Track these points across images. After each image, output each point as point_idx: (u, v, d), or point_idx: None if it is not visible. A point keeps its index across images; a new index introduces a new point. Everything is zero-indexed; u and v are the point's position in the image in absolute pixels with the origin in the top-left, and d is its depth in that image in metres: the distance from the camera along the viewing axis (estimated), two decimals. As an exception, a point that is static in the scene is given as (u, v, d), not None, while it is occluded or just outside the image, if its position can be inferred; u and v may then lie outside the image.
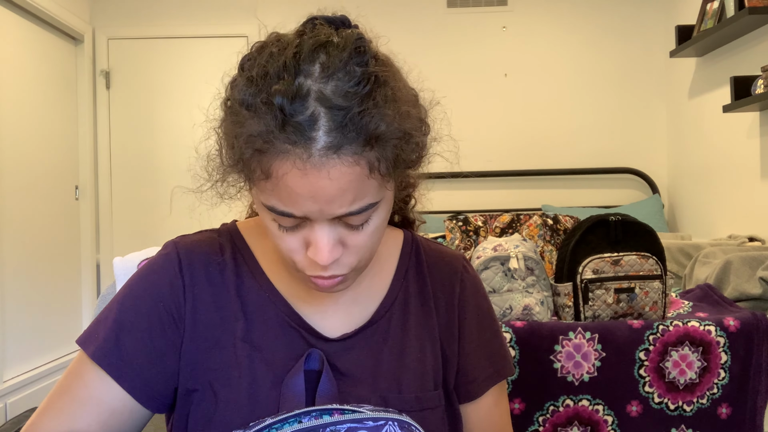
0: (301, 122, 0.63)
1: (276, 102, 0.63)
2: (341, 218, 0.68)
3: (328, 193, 0.65)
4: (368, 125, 0.64)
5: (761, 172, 2.97)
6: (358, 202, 0.67)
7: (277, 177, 0.65)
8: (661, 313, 1.56)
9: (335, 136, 0.63)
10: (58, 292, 3.61)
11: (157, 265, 0.82)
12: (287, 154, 0.64)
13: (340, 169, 0.64)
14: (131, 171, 4.06)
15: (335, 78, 0.64)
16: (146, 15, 4.07)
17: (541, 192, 4.02)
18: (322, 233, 0.69)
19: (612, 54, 4.02)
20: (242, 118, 0.66)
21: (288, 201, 0.66)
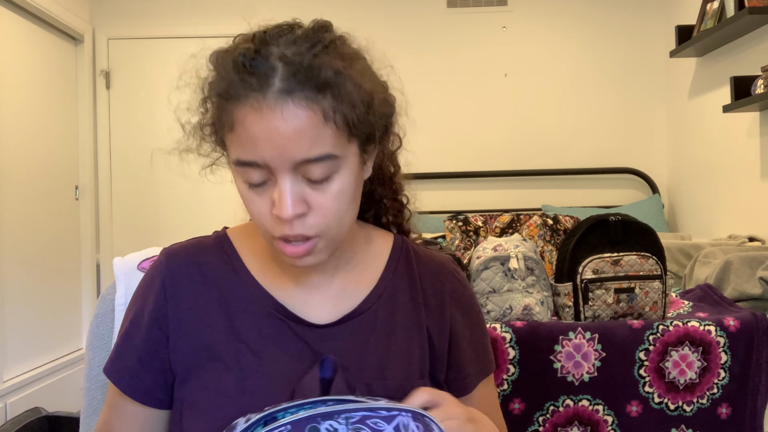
0: (259, 72, 0.71)
1: (239, 59, 0.72)
2: (301, 168, 0.72)
3: (283, 133, 0.70)
4: (319, 73, 0.71)
5: (761, 172, 2.97)
6: (316, 149, 0.71)
7: (238, 123, 0.72)
8: (661, 313, 1.56)
9: (289, 82, 0.70)
10: (58, 292, 3.61)
11: (146, 279, 0.88)
12: (246, 98, 0.71)
13: (293, 110, 0.70)
14: (131, 171, 4.06)
15: (297, 45, 0.73)
16: (146, 15, 4.07)
17: (541, 192, 4.02)
18: (283, 185, 0.72)
19: (612, 54, 4.02)
20: (212, 79, 0.75)
21: (249, 147, 0.72)
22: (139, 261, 1.06)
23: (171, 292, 0.84)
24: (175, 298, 0.84)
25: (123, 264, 1.05)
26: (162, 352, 0.83)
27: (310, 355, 0.81)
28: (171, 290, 0.84)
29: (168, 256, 0.87)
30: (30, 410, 2.13)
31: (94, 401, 1.02)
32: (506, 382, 1.48)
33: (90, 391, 1.03)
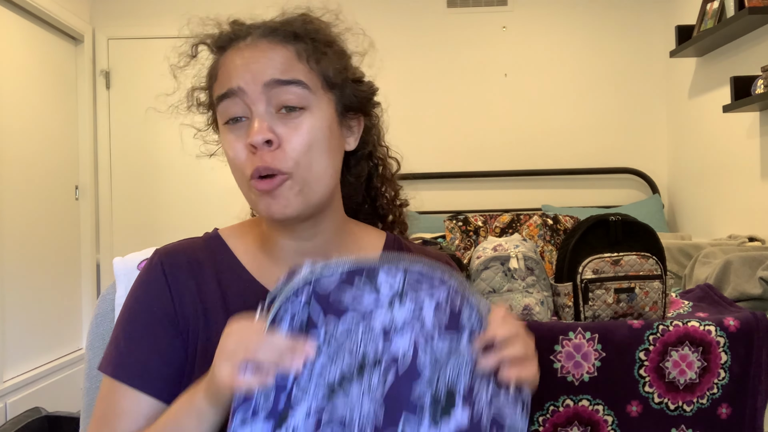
0: (241, 28, 0.85)
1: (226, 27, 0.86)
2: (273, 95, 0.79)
3: (257, 59, 0.80)
4: (294, 27, 0.83)
5: (761, 172, 2.97)
6: (287, 74, 0.79)
7: (221, 66, 0.83)
8: (661, 313, 1.56)
9: (267, 30, 0.83)
10: (58, 292, 3.61)
11: (145, 276, 0.87)
12: (230, 47, 0.84)
13: (270, 46, 0.81)
14: (131, 171, 4.06)
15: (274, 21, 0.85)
16: (146, 15, 4.07)
17: (541, 192, 4.02)
18: (257, 113, 0.79)
19: (612, 54, 4.02)
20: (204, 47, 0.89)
21: (227, 78, 0.81)
22: (139, 261, 1.06)
23: (175, 291, 0.85)
24: (179, 295, 0.85)
25: (123, 264, 1.05)
26: (179, 350, 0.83)
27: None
28: (175, 289, 0.85)
29: (164, 256, 0.88)
30: (30, 410, 2.13)
31: (94, 401, 1.01)
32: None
33: (90, 391, 1.03)
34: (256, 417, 0.65)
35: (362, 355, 0.66)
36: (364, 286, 0.68)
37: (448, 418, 0.66)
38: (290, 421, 0.64)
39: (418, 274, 0.70)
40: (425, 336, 0.67)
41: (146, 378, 0.81)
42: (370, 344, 0.66)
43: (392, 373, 0.66)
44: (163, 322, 0.83)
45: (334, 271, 0.68)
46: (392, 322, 0.67)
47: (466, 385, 0.68)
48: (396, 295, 0.68)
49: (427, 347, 0.67)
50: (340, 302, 0.67)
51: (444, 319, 0.69)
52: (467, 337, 0.70)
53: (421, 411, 0.65)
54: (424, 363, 0.66)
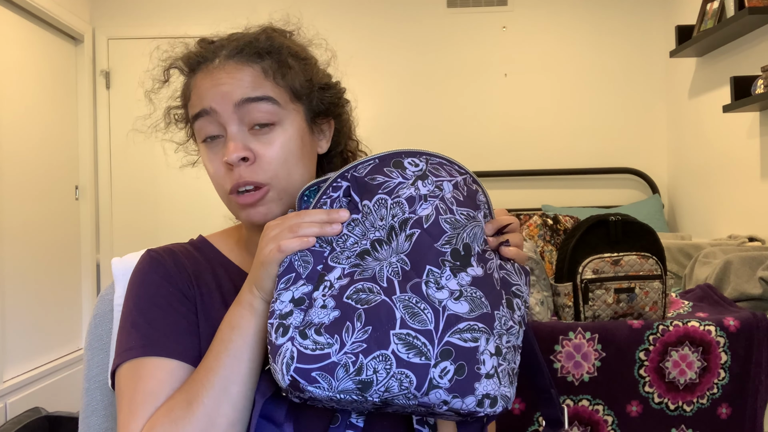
0: (209, 49, 0.88)
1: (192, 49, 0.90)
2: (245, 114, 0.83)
3: (226, 82, 0.84)
4: (258, 45, 0.86)
5: (761, 172, 2.97)
6: (256, 91, 0.84)
7: (194, 86, 0.87)
8: (661, 313, 1.56)
9: (233, 50, 0.86)
10: (58, 292, 3.61)
11: (145, 268, 0.88)
12: (199, 69, 0.88)
13: (235, 66, 0.85)
14: (131, 171, 4.06)
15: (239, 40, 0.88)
16: (146, 15, 4.07)
17: (541, 192, 4.02)
18: (230, 133, 0.84)
19: (612, 54, 4.02)
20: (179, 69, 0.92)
21: (199, 99, 0.86)
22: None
23: (176, 274, 0.87)
24: (181, 278, 0.87)
25: (122, 264, 1.05)
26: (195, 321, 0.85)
27: None
28: (175, 272, 0.88)
29: (158, 251, 0.91)
30: (30, 410, 2.13)
31: (93, 401, 1.02)
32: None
33: (89, 391, 1.02)
34: (297, 280, 0.73)
35: (390, 222, 0.76)
36: (391, 170, 0.78)
37: (465, 272, 0.75)
38: (326, 281, 0.73)
39: (438, 162, 0.80)
40: (445, 205, 0.77)
41: (177, 347, 0.81)
42: (398, 211, 0.76)
43: (417, 234, 0.75)
44: (176, 299, 0.85)
45: (368, 162, 0.79)
46: (417, 193, 0.77)
47: (480, 248, 0.78)
48: (419, 175, 0.78)
49: (447, 214, 0.77)
50: (372, 184, 0.77)
51: (461, 195, 0.79)
52: (482, 213, 0.80)
53: (443, 264, 0.74)
54: (444, 225, 0.76)
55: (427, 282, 0.73)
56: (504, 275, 0.80)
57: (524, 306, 0.81)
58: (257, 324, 0.77)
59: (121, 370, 0.82)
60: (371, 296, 0.71)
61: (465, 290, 0.74)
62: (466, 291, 0.74)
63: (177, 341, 0.82)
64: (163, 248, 0.92)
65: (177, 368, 0.80)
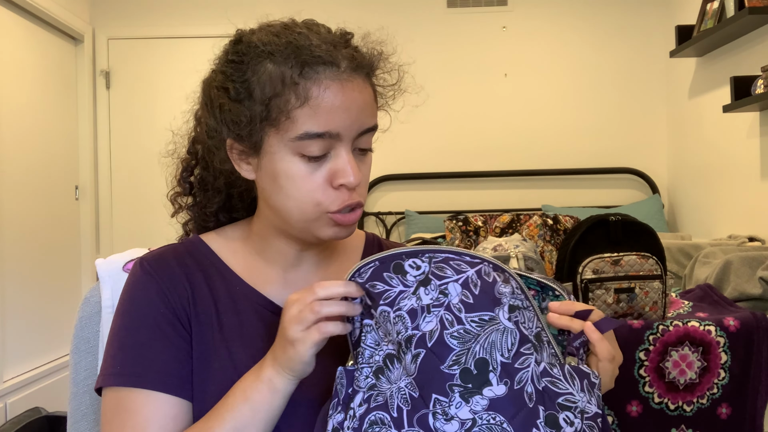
0: (324, 51, 0.77)
1: (301, 43, 0.76)
2: (358, 139, 0.79)
3: (359, 103, 0.78)
4: (367, 60, 0.81)
5: (761, 172, 2.97)
6: (373, 120, 0.81)
7: (317, 95, 0.75)
8: (661, 313, 1.56)
9: (351, 62, 0.78)
10: (58, 292, 3.60)
11: (139, 282, 0.85)
12: (324, 72, 0.76)
13: (362, 84, 0.79)
14: (131, 171, 4.06)
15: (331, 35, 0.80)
16: (146, 15, 4.06)
17: (541, 192, 4.02)
18: (347, 155, 0.78)
19: (612, 54, 4.02)
20: (264, 63, 0.77)
21: (326, 117, 0.76)
22: (124, 262, 1.04)
23: (170, 293, 0.83)
24: (175, 297, 0.83)
25: (107, 265, 1.03)
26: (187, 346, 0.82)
27: None
28: (169, 291, 0.84)
29: (152, 262, 0.86)
30: (30, 410, 2.13)
31: (82, 406, 0.99)
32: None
33: (77, 396, 1.00)
34: (337, 407, 0.71)
35: (396, 338, 0.69)
36: (392, 276, 0.71)
37: (480, 394, 0.66)
38: (351, 409, 0.69)
39: (443, 258, 0.72)
40: (452, 314, 0.69)
41: (166, 379, 0.79)
42: (401, 327, 0.69)
43: (422, 355, 0.67)
44: (167, 322, 0.82)
45: (367, 265, 0.72)
46: (419, 303, 0.69)
47: (506, 357, 0.68)
48: (422, 280, 0.71)
49: (454, 324, 0.68)
50: (374, 293, 0.71)
51: (472, 295, 0.70)
52: (507, 308, 0.70)
53: (451, 390, 0.66)
54: (451, 342, 0.67)
55: (434, 413, 0.66)
56: (547, 384, 0.68)
57: (582, 418, 0.67)
58: (273, 402, 0.74)
59: (108, 396, 0.80)
60: (382, 429, 0.67)
61: (480, 418, 0.65)
62: (482, 419, 0.65)
63: (166, 372, 0.79)
64: (156, 258, 0.87)
65: (165, 403, 0.78)
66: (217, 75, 0.82)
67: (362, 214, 0.87)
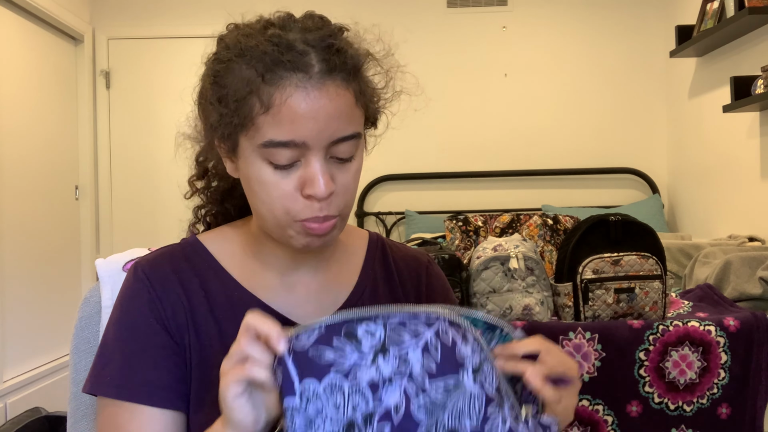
0: (295, 54, 0.72)
1: (272, 40, 0.72)
2: (332, 148, 0.74)
3: (327, 111, 0.72)
4: (351, 57, 0.75)
5: (761, 172, 2.97)
6: (350, 128, 0.75)
7: (279, 103, 0.71)
8: (661, 313, 1.56)
9: (327, 63, 0.73)
10: (58, 292, 3.60)
11: (131, 290, 0.83)
12: (289, 79, 0.71)
13: (336, 90, 0.73)
14: (131, 171, 4.06)
15: (312, 32, 0.74)
16: (146, 15, 4.07)
17: (541, 192, 4.02)
18: (317, 166, 0.74)
19: (612, 54, 4.02)
20: (236, 65, 0.74)
21: (289, 126, 0.72)
22: (124, 262, 1.03)
23: (165, 301, 0.82)
24: (170, 305, 0.82)
25: (106, 265, 1.03)
26: (180, 357, 0.81)
27: None
28: (164, 299, 0.82)
29: (146, 267, 0.84)
30: (30, 410, 2.13)
31: (82, 406, 0.99)
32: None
33: (77, 395, 0.99)
34: None
35: (351, 413, 0.63)
36: (343, 343, 0.65)
37: None
38: None
39: (398, 322, 0.66)
40: (416, 384, 0.64)
41: (156, 392, 0.78)
42: (360, 401, 0.64)
43: (387, 429, 0.63)
44: (160, 332, 0.81)
45: (311, 331, 0.65)
46: (379, 375, 0.64)
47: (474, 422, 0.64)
48: (379, 348, 0.65)
49: (419, 395, 0.64)
50: (320, 361, 0.64)
51: (435, 359, 0.65)
52: (470, 371, 0.66)
53: None
54: (418, 413, 0.64)
55: None
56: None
57: None
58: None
59: (101, 404, 0.80)
60: None
61: None
62: None
63: (154, 384, 0.78)
64: (151, 264, 0.85)
65: (152, 416, 0.78)
66: (204, 72, 0.80)
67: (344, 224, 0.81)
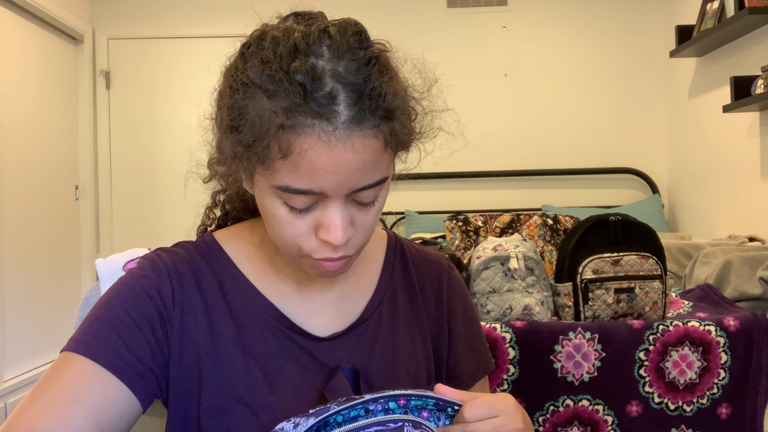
0: (322, 97, 0.64)
1: (297, 79, 0.64)
2: (355, 194, 0.69)
3: (351, 166, 0.66)
4: (384, 99, 0.66)
5: (761, 172, 2.97)
6: (375, 176, 0.69)
7: (299, 153, 0.65)
8: (661, 313, 1.56)
9: (356, 110, 0.65)
10: (58, 292, 3.61)
11: (145, 269, 0.80)
12: (312, 128, 0.64)
13: (363, 141, 0.66)
14: (131, 171, 4.06)
15: (344, 58, 0.66)
16: (146, 15, 4.07)
17: (541, 192, 4.02)
18: (336, 213, 0.69)
19: (612, 54, 4.02)
20: (257, 98, 0.66)
21: (308, 177, 0.66)
22: (124, 262, 1.03)
23: (180, 298, 0.79)
24: (182, 304, 0.79)
25: (107, 265, 1.03)
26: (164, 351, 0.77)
27: (316, 367, 0.79)
28: (180, 295, 0.79)
29: (168, 261, 0.81)
30: (30, 410, 2.12)
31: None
32: (506, 382, 1.48)
33: None
34: None
35: None
36: None
37: None
38: None
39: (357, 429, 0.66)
40: None
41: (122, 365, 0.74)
42: None
43: None
44: (156, 317, 0.77)
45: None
46: None
47: None
48: None
49: None
50: None
51: None
52: None
53: None
54: None
55: None
56: None
57: None
58: None
59: (60, 357, 0.75)
60: None
61: None
62: None
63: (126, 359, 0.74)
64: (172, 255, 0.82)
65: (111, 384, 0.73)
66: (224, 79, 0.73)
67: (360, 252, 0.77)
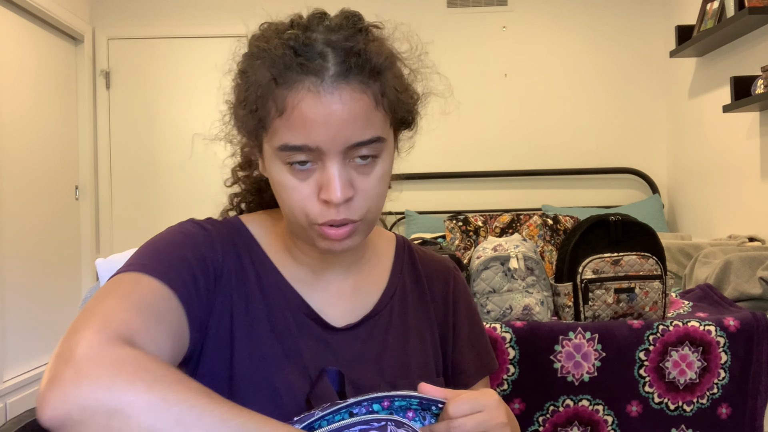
0: (311, 56, 0.71)
1: (289, 43, 0.71)
2: (351, 151, 0.72)
3: (340, 116, 0.70)
4: (371, 59, 0.72)
5: (761, 172, 2.97)
6: (368, 132, 0.73)
7: (291, 107, 0.71)
8: (661, 313, 1.56)
9: (343, 66, 0.71)
10: (58, 292, 3.61)
11: (197, 226, 0.82)
12: (301, 82, 0.70)
13: (351, 94, 0.71)
14: (131, 171, 4.06)
15: (338, 32, 0.73)
16: (146, 15, 4.07)
17: (541, 192, 4.02)
18: (333, 170, 0.72)
19: (612, 54, 4.02)
20: (255, 67, 0.73)
21: (302, 131, 0.71)
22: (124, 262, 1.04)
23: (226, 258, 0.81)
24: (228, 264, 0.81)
25: (107, 265, 1.03)
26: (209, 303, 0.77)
27: (329, 357, 0.82)
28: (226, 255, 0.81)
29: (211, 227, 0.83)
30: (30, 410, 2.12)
31: None
32: (506, 382, 1.48)
33: None
34: None
35: None
36: None
37: None
38: None
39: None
40: None
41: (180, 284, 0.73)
42: None
43: None
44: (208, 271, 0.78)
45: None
46: None
47: None
48: None
49: None
50: None
51: None
52: None
53: None
54: None
55: None
56: None
57: None
58: None
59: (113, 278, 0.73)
60: None
61: None
62: None
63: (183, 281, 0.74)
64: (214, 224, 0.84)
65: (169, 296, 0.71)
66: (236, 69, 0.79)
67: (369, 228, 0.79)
